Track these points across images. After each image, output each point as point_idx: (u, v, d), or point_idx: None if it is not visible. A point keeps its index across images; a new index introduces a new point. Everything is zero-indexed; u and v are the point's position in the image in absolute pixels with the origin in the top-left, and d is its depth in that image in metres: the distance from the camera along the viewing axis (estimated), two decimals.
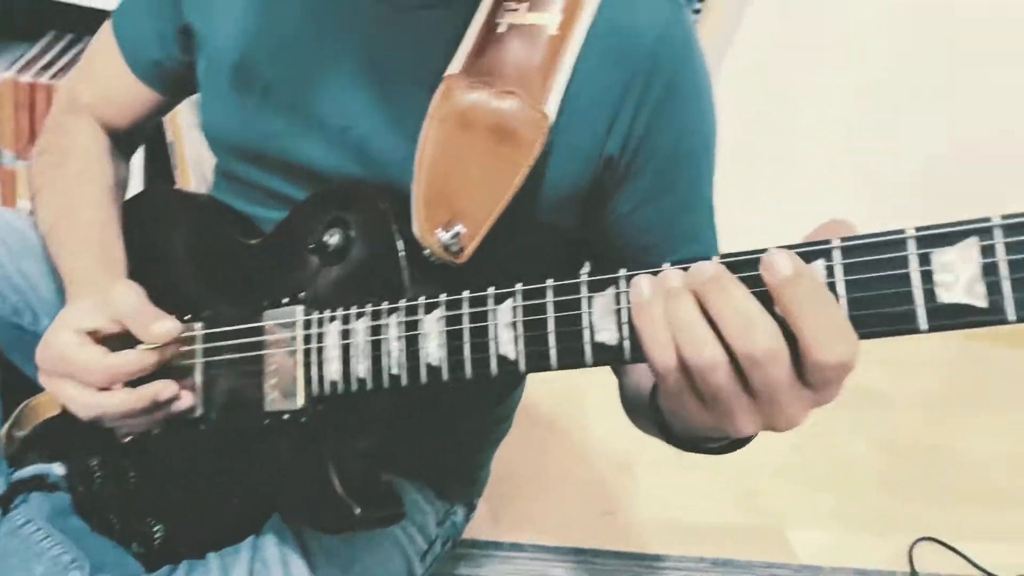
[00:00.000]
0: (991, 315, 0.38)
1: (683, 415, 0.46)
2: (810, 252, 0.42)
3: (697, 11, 1.33)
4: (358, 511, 0.60)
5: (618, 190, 0.66)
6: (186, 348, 0.69)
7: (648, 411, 0.57)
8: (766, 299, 0.40)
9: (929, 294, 0.39)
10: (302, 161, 0.69)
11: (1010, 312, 0.38)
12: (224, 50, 0.70)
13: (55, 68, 1.30)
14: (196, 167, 1.37)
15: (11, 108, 1.23)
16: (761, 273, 0.40)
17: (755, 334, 0.39)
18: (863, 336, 0.41)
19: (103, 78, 0.82)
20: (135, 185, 1.33)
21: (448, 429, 0.83)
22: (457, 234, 0.60)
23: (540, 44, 0.61)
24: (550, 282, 0.50)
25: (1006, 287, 0.38)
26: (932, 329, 0.40)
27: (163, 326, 0.64)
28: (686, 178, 0.67)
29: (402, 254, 0.60)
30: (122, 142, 0.85)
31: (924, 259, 0.39)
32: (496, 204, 0.61)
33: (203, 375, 0.69)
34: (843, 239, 0.41)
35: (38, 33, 1.39)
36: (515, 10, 0.62)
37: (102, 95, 0.82)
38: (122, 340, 0.65)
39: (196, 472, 0.71)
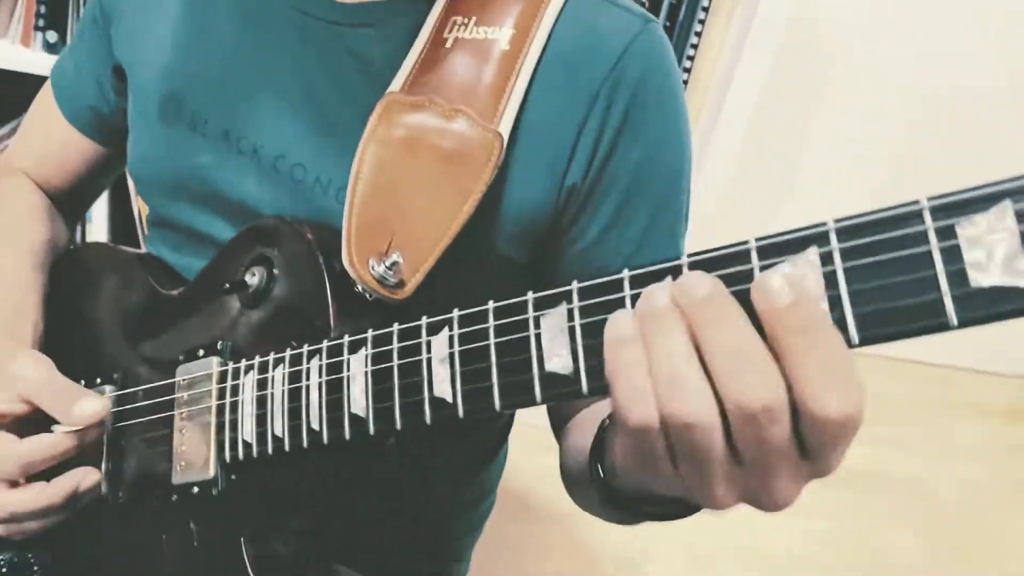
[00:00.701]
0: None
1: (648, 479, 0.37)
2: (800, 239, 0.33)
3: (687, 69, 1.29)
4: None
5: (579, 218, 0.58)
6: None
7: (586, 473, 0.48)
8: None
9: (957, 277, 0.30)
10: (234, 196, 0.62)
11: None
12: (151, 83, 0.64)
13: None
14: None
15: None
16: (752, 297, 0.32)
17: (755, 382, 0.31)
18: (873, 339, 0.32)
19: (40, 136, 0.78)
20: None
21: (409, 510, 0.72)
22: (395, 263, 0.51)
23: (491, 60, 0.55)
24: (491, 304, 0.42)
25: None
26: (963, 323, 0.30)
27: (89, 406, 0.54)
28: (655, 203, 0.59)
29: (329, 288, 0.51)
30: (64, 202, 0.79)
31: (946, 232, 0.30)
32: (443, 233, 0.53)
33: (109, 446, 0.59)
34: (838, 220, 0.33)
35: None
36: (463, 25, 0.56)
37: (39, 154, 0.78)
38: (29, 421, 0.56)
39: (100, 567, 0.61)
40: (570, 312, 0.39)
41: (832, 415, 0.30)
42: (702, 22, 1.26)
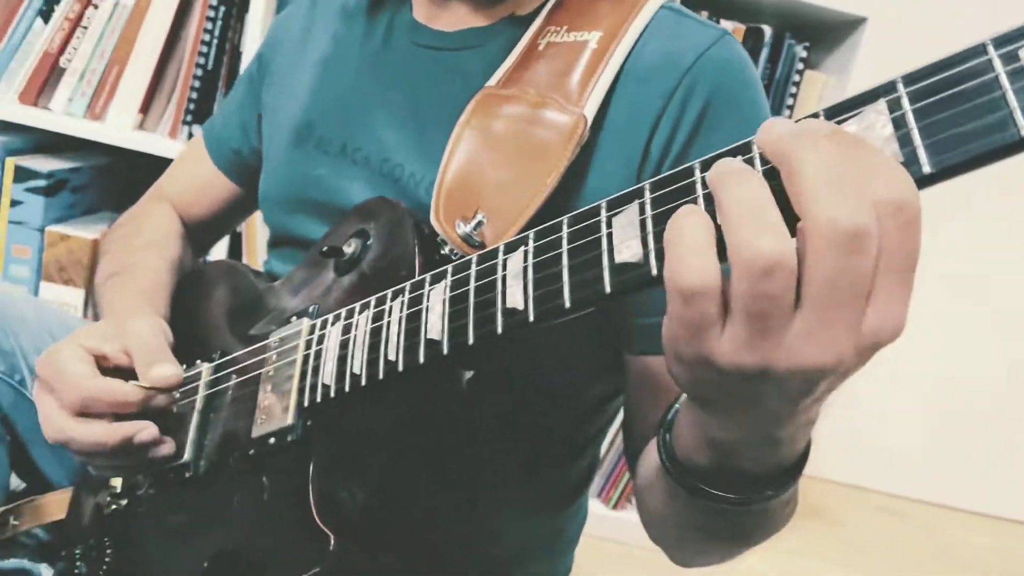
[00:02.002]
0: None
1: (691, 350, 0.35)
2: (869, 94, 0.34)
3: None
4: (333, 542, 0.48)
5: None
6: (187, 387, 0.63)
7: (654, 475, 0.50)
8: None
9: None
10: (344, 200, 0.67)
11: None
12: (289, 116, 0.74)
13: None
14: None
15: None
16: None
17: (841, 209, 0.30)
18: (948, 167, 0.32)
19: (186, 172, 0.89)
20: None
21: (476, 535, 0.69)
22: (480, 224, 0.54)
23: (580, 56, 0.60)
24: (565, 216, 0.43)
25: None
26: None
27: (162, 370, 0.59)
28: None
29: (417, 244, 0.54)
30: (196, 233, 0.89)
31: (1011, 57, 0.31)
32: (528, 205, 0.56)
33: (199, 416, 0.62)
34: (905, 74, 0.34)
35: None
36: (556, 32, 0.62)
37: (183, 187, 0.89)
38: (129, 376, 0.60)
39: (172, 537, 0.61)
40: (641, 206, 0.40)
41: (906, 197, 0.31)
42: None
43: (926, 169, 0.32)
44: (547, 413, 0.66)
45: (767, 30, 1.27)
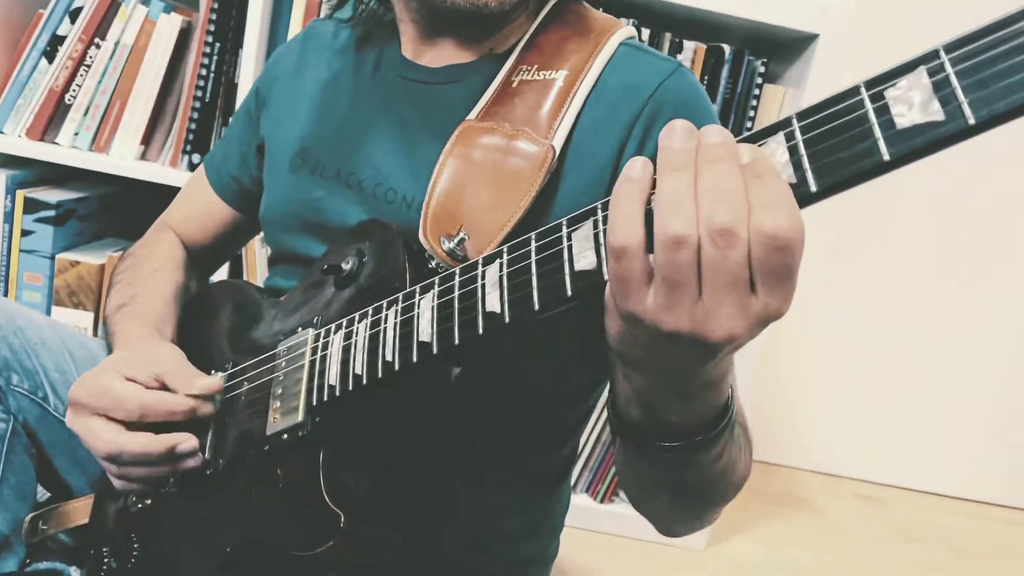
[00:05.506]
0: (951, 124, 0.36)
1: (623, 306, 0.42)
2: (769, 128, 0.42)
3: None
4: (343, 520, 0.55)
5: None
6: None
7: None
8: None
9: (887, 124, 0.38)
10: (340, 222, 0.74)
11: (969, 115, 0.36)
12: (287, 144, 0.81)
13: None
14: None
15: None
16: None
17: (726, 209, 0.38)
18: (832, 188, 0.40)
19: (189, 201, 0.96)
20: None
21: (465, 519, 0.76)
22: (462, 241, 0.62)
23: (549, 93, 0.68)
24: (533, 233, 0.51)
25: (960, 94, 0.36)
26: (894, 159, 0.38)
27: (206, 380, 0.69)
28: None
29: (407, 259, 0.62)
30: (200, 258, 0.96)
31: (877, 97, 0.39)
32: (504, 224, 0.63)
33: (216, 421, 0.69)
34: (798, 111, 0.42)
35: None
36: (528, 70, 0.70)
37: (186, 215, 0.95)
38: None
39: (196, 529, 0.68)
40: (595, 223, 0.47)
41: (777, 228, 0.38)
42: None
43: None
44: (533, 402, 0.73)
45: (727, 48, 1.35)
